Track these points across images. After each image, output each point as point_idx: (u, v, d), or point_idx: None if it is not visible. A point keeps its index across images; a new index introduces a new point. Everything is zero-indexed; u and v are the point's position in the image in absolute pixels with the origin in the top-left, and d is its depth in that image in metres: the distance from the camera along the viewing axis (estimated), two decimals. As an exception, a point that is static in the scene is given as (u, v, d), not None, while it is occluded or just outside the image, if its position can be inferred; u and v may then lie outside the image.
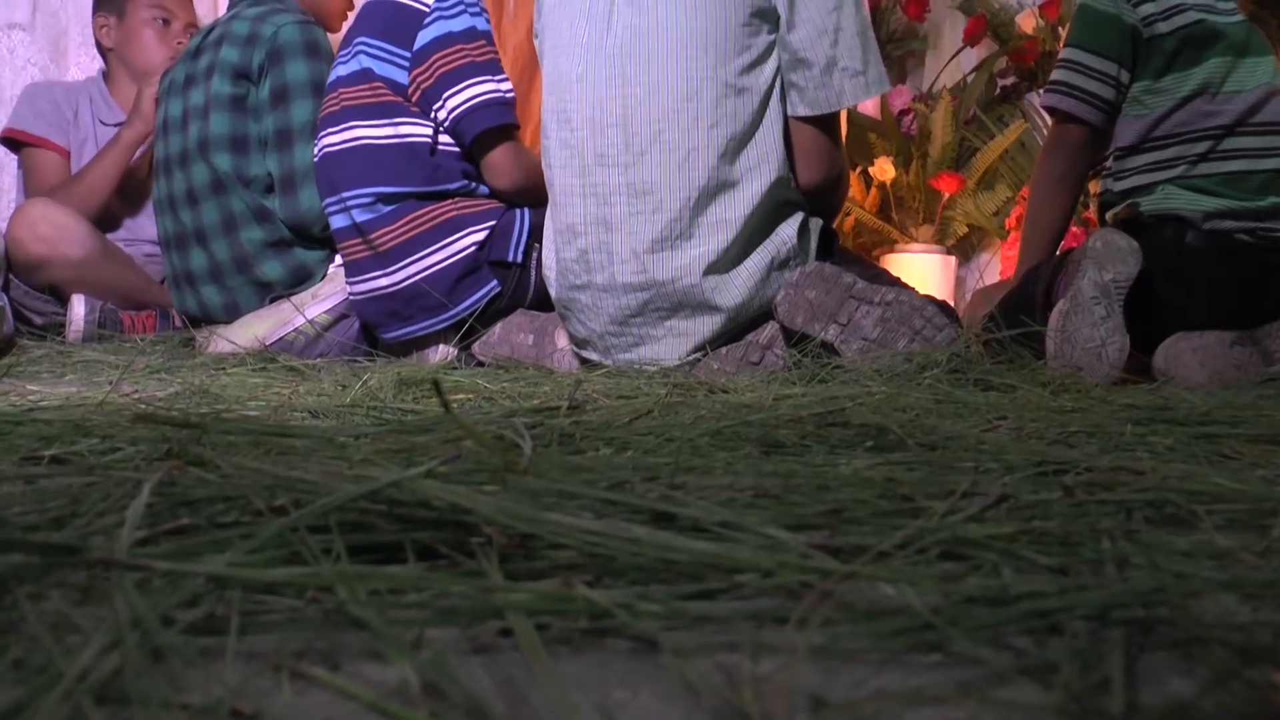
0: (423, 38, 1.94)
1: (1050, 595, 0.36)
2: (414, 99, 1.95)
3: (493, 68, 1.95)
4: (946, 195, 2.99)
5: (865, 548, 0.42)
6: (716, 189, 1.57)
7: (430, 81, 1.93)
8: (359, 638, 0.37)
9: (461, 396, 1.28)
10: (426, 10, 1.95)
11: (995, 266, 3.06)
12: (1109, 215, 1.73)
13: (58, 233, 2.41)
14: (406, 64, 1.96)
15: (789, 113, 1.60)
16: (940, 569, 0.40)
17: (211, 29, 2.32)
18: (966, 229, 3.08)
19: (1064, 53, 1.76)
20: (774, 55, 1.58)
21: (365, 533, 0.45)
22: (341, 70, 2.04)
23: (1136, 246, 1.53)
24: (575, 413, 0.81)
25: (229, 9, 2.35)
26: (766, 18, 1.57)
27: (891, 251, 3.05)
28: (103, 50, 2.77)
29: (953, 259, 3.05)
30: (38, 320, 2.46)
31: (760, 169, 1.58)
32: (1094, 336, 1.52)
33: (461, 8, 1.95)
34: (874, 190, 3.07)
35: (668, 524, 0.43)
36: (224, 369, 1.80)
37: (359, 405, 1.17)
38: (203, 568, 0.37)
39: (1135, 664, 0.34)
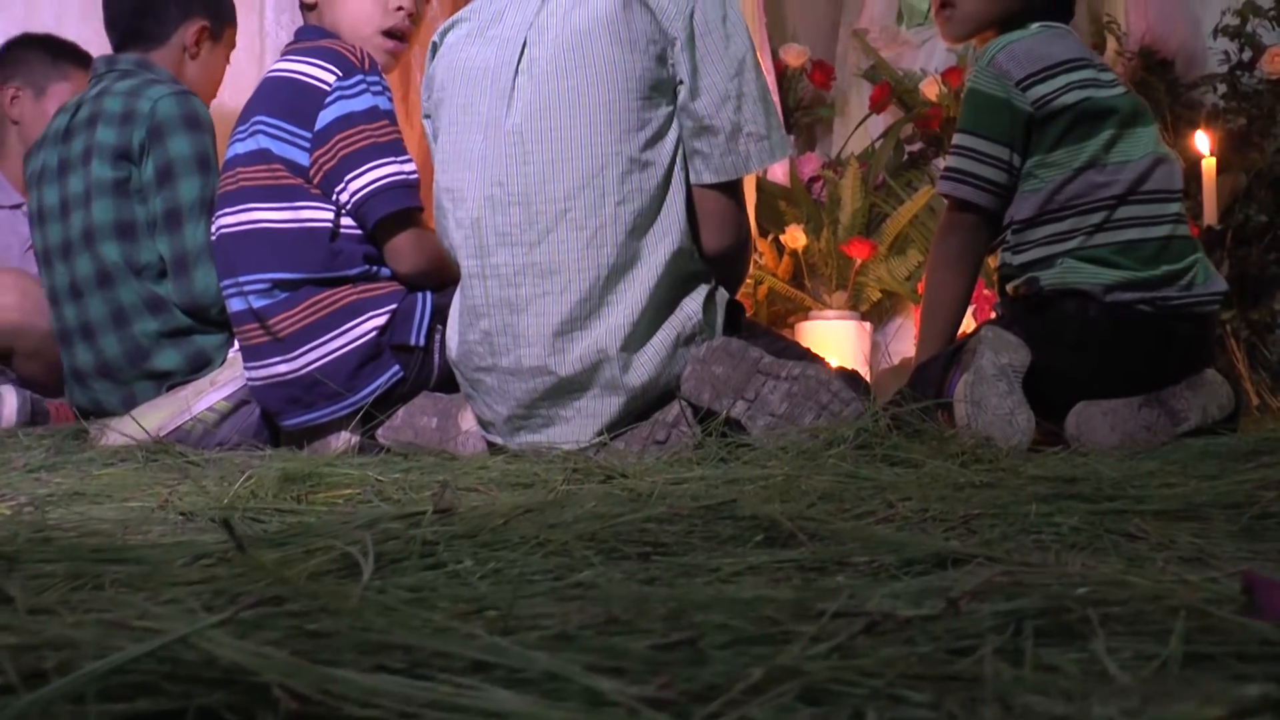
0: (324, 118, 1.88)
1: (914, 751, 0.31)
2: (315, 181, 1.88)
3: (395, 148, 1.89)
4: (858, 261, 2.99)
5: (715, 689, 0.37)
6: (623, 266, 1.53)
7: (332, 163, 1.87)
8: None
9: (347, 492, 1.21)
10: (327, 89, 1.89)
11: (909, 331, 3.07)
12: (1009, 288, 1.73)
13: (32, 303, 2.30)
14: (307, 144, 1.89)
15: (694, 180, 1.58)
16: (794, 718, 0.35)
17: (79, 107, 2.21)
18: (880, 294, 3.09)
19: (955, 138, 1.75)
20: (674, 127, 1.56)
21: (149, 696, 0.39)
22: (239, 148, 1.96)
23: (1025, 343, 1.54)
24: (445, 516, 0.76)
25: (94, 82, 2.23)
26: (664, 90, 1.55)
27: (806, 319, 3.04)
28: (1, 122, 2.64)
29: (867, 325, 3.05)
30: None
31: (664, 241, 1.55)
32: (1003, 405, 1.51)
33: (364, 86, 1.89)
34: (786, 258, 3.07)
35: (488, 672, 0.38)
36: (111, 464, 1.71)
37: (236, 507, 1.10)
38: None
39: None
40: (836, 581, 0.59)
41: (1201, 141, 2.65)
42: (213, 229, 2.00)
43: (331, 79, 1.89)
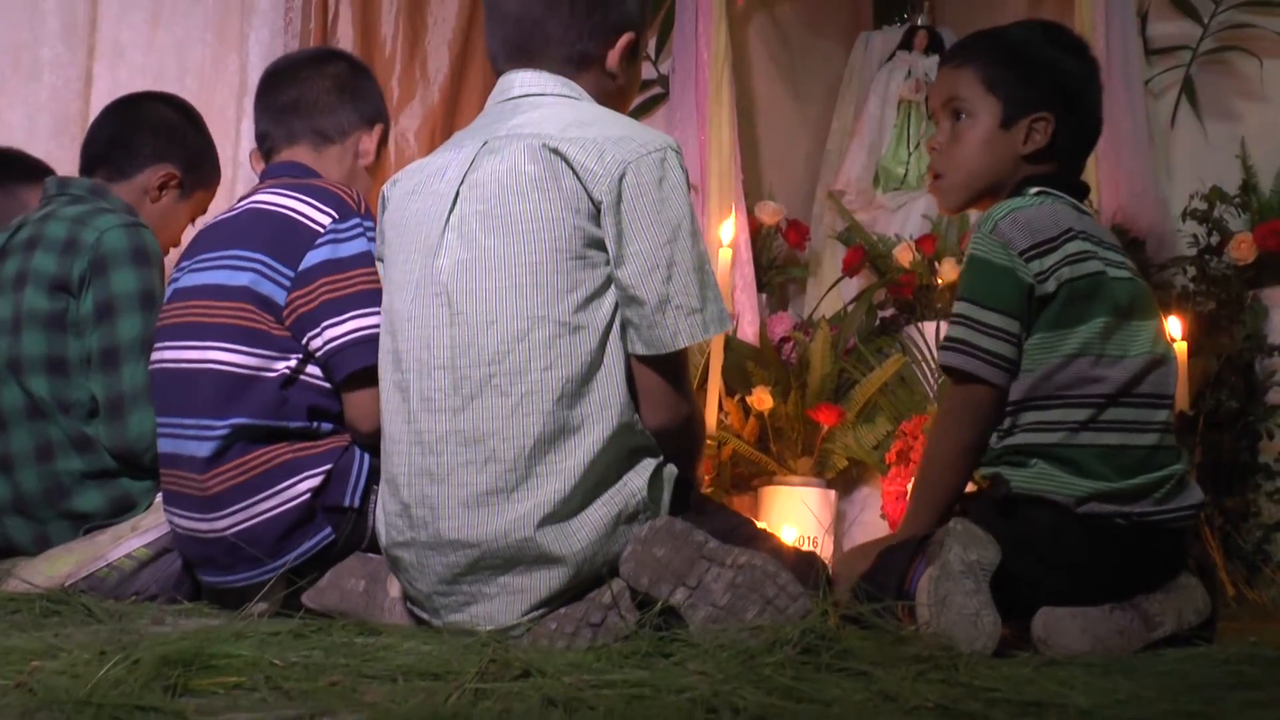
0: (311, 258, 1.75)
1: None
2: (287, 322, 1.75)
3: (380, 299, 1.79)
4: (825, 427, 2.91)
5: None
6: (554, 436, 1.43)
7: (311, 306, 1.74)
8: None
9: (233, 680, 1.08)
10: (320, 230, 1.77)
11: (875, 500, 2.97)
12: (979, 475, 1.62)
13: None
14: (287, 283, 1.76)
15: (629, 350, 1.48)
16: None
17: (20, 227, 2.12)
18: (846, 462, 3.00)
19: (958, 307, 1.63)
20: (612, 287, 1.47)
21: None
22: (195, 279, 1.84)
23: (994, 540, 1.44)
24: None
25: (42, 203, 2.15)
26: (602, 248, 1.46)
27: (770, 483, 2.95)
28: None
29: (832, 493, 2.95)
30: None
31: (603, 413, 1.44)
32: (968, 605, 1.40)
33: (360, 230, 1.77)
34: (752, 419, 2.98)
35: None
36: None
37: (93, 701, 0.97)
38: None
39: None
40: None
41: (1173, 326, 2.62)
42: (151, 361, 1.88)
43: (327, 220, 1.77)
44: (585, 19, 1.58)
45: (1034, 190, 1.67)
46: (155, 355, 1.87)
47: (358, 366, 1.71)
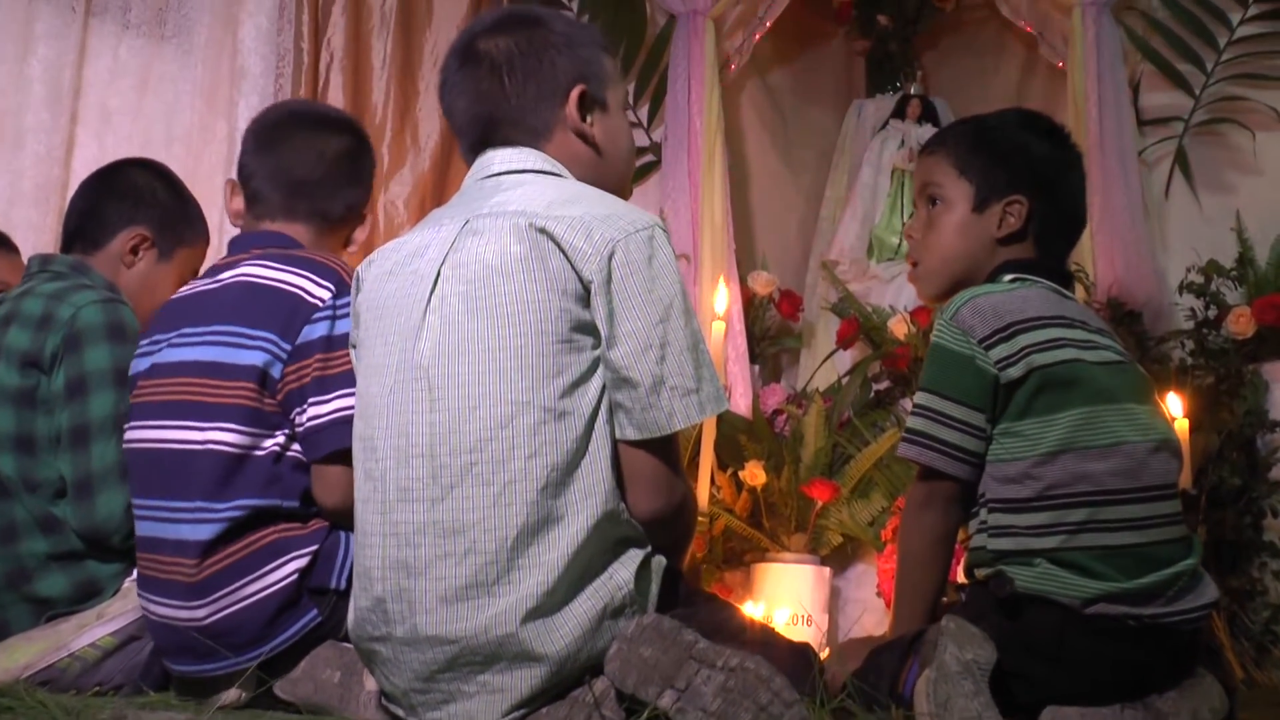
0: (308, 333, 1.70)
1: None
2: (279, 397, 1.70)
3: None
4: (819, 503, 2.85)
5: None
6: (538, 527, 1.36)
7: (301, 383, 1.69)
8: None
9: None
10: (319, 305, 1.71)
11: (871, 577, 2.89)
12: (979, 573, 1.55)
13: None
14: (285, 357, 1.70)
15: (618, 435, 1.42)
16: None
17: None
18: (841, 539, 2.93)
19: (919, 398, 1.58)
20: (599, 372, 1.41)
21: None
22: (175, 355, 1.77)
23: (989, 637, 1.37)
24: None
25: (24, 280, 2.11)
26: (589, 331, 1.41)
27: (763, 560, 2.88)
28: None
29: (826, 570, 2.88)
30: None
31: (587, 502, 1.38)
32: (970, 708, 1.33)
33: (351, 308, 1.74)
34: (745, 494, 2.92)
35: None
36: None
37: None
38: None
39: None
40: None
41: (1174, 403, 2.57)
42: (126, 440, 1.81)
43: (326, 295, 1.71)
44: (523, 93, 1.54)
45: (1009, 276, 1.63)
46: (133, 434, 1.79)
47: (337, 446, 1.65)
